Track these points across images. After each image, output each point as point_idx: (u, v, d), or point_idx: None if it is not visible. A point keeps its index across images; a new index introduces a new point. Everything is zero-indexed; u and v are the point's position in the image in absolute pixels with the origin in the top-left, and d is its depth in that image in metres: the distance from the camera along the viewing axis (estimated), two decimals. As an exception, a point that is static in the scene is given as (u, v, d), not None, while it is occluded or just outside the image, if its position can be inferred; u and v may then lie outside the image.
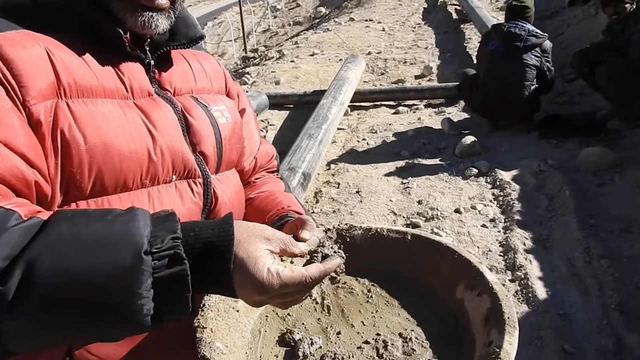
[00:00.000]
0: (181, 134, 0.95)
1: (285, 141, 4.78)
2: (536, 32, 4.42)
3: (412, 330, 0.89)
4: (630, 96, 4.00)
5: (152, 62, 0.97)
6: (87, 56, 0.85)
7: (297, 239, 0.96)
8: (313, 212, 3.64)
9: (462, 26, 9.39)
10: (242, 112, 1.19)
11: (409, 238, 1.02)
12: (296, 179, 3.53)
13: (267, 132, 5.35)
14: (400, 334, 0.88)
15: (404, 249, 1.02)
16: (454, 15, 10.28)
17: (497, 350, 0.72)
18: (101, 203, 0.81)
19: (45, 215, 0.66)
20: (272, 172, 1.30)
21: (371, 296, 0.99)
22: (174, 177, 0.92)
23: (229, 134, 1.06)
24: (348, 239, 1.04)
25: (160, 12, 0.90)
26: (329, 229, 1.05)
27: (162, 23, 0.91)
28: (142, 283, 0.62)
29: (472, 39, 8.34)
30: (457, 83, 5.82)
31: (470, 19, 8.97)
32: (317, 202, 3.87)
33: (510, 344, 0.73)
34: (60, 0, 0.85)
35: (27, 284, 0.58)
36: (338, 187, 4.03)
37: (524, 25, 4.44)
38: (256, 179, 1.24)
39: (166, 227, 0.67)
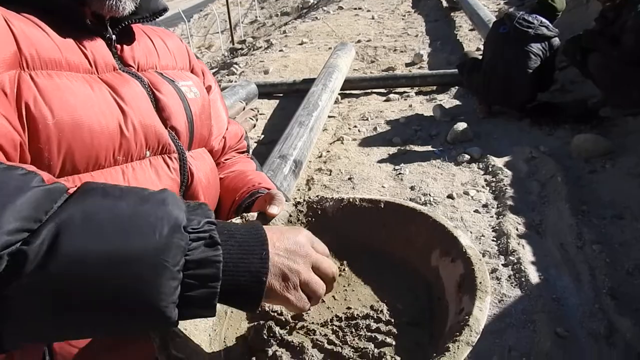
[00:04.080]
0: (152, 108, 0.91)
1: (275, 129, 4.75)
2: (548, 25, 4.41)
3: (385, 302, 0.86)
4: (622, 84, 3.99)
5: (114, 37, 0.93)
6: (47, 28, 0.81)
7: (266, 214, 0.94)
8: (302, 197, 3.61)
9: (452, 14, 9.37)
10: (208, 89, 1.16)
11: (382, 206, 0.98)
12: (287, 166, 3.50)
13: (257, 120, 5.30)
14: (372, 307, 0.85)
15: (377, 218, 0.97)
16: (444, 3, 10.23)
17: (467, 317, 0.68)
18: (72, 182, 0.77)
19: (66, 184, 0.61)
20: (242, 152, 1.27)
21: (343, 269, 0.94)
22: (148, 152, 0.89)
23: (198, 109, 1.03)
24: (319, 212, 1.00)
25: None
26: (299, 202, 1.01)
27: (128, 5, 0.89)
28: (176, 259, 0.56)
29: (463, 27, 8.32)
30: (449, 70, 5.81)
31: (461, 6, 8.94)
32: (310, 189, 3.84)
33: (481, 310, 0.69)
34: None
35: (52, 248, 0.52)
36: (330, 175, 4.00)
37: (538, 16, 4.43)
38: (226, 159, 1.21)
39: (201, 213, 0.62)
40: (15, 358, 0.78)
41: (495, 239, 3.00)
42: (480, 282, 0.74)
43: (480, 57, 5.03)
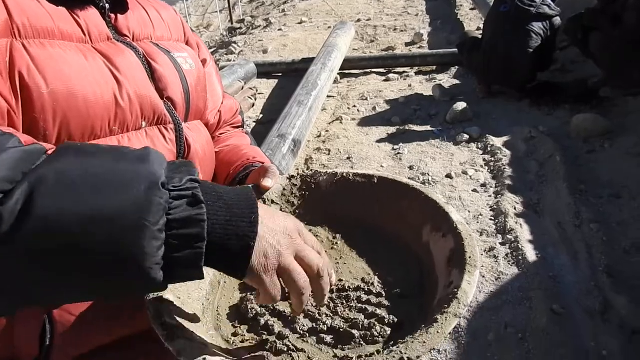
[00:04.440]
0: (147, 78, 0.91)
1: (274, 109, 4.73)
2: (550, 4, 4.36)
3: (376, 274, 0.87)
4: (623, 64, 3.97)
5: (108, 5, 0.92)
6: None
7: (260, 187, 0.94)
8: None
9: (453, -7, 9.28)
10: (203, 62, 1.15)
11: (376, 181, 0.99)
12: (286, 145, 3.49)
13: (255, 100, 5.28)
14: (363, 279, 0.86)
15: (370, 193, 0.98)
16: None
17: (455, 290, 0.70)
18: None
19: (46, 146, 0.59)
20: (237, 127, 1.27)
21: (336, 243, 0.96)
22: (144, 123, 0.88)
23: (194, 81, 1.03)
24: (313, 186, 1.01)
25: None
26: (293, 176, 1.02)
27: None
28: (156, 218, 0.54)
29: (464, 6, 8.25)
30: (449, 50, 5.77)
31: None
32: (308, 168, 3.84)
33: (469, 283, 0.70)
34: None
35: (26, 208, 0.51)
36: (329, 154, 4.00)
37: None
38: (221, 133, 1.21)
39: (184, 171, 0.60)
40: (16, 327, 0.79)
41: (493, 218, 3.01)
42: (469, 257, 0.76)
43: (481, 36, 4.99)
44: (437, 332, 0.64)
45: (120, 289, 0.58)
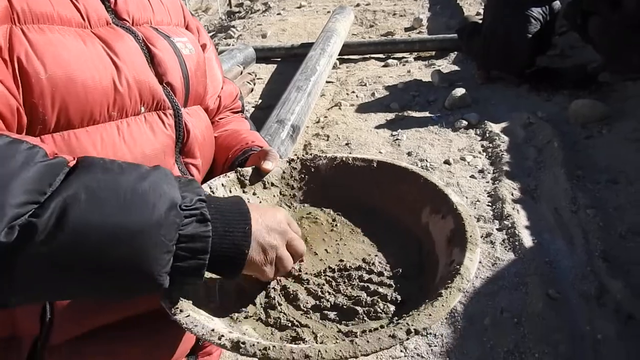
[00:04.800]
0: (146, 64, 0.90)
1: (273, 94, 4.72)
2: None
3: (376, 256, 0.88)
4: (622, 48, 3.95)
5: None
6: None
7: (260, 170, 0.96)
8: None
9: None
10: (203, 47, 1.14)
11: (375, 165, 1.00)
12: (285, 131, 3.50)
13: (254, 85, 5.26)
14: (363, 259, 0.87)
15: (370, 177, 1.00)
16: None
17: (457, 266, 0.71)
18: (67, 137, 0.77)
19: (67, 157, 0.64)
20: (237, 112, 1.27)
21: (336, 225, 0.96)
22: (143, 108, 0.88)
23: (194, 66, 1.02)
24: (312, 169, 1.02)
25: None
26: (292, 160, 1.03)
27: None
28: (171, 235, 0.62)
29: (463, -9, 8.17)
30: (448, 35, 5.74)
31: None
32: (307, 154, 3.84)
33: (471, 260, 0.72)
34: None
35: (60, 221, 0.57)
36: (327, 140, 4.00)
37: None
38: (220, 118, 1.21)
39: (191, 190, 0.68)
40: (17, 306, 0.80)
41: (490, 204, 3.02)
42: (470, 236, 0.77)
43: (480, 21, 4.96)
44: (442, 305, 0.66)
45: (131, 292, 0.66)
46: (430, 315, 0.64)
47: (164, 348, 0.93)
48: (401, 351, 2.13)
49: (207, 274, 0.69)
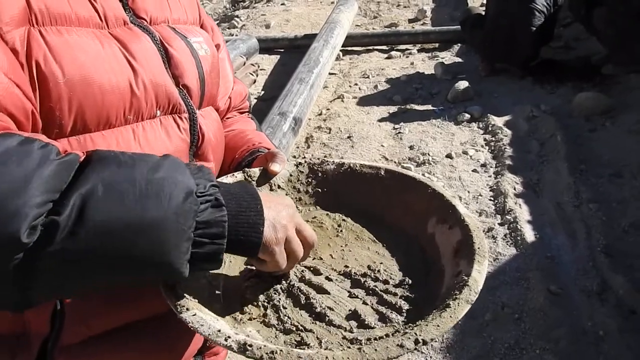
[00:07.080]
0: (162, 65, 0.88)
1: (276, 86, 4.71)
2: None
3: (381, 263, 0.88)
4: (628, 39, 3.92)
5: None
6: None
7: (268, 171, 0.96)
8: (304, 158, 3.63)
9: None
10: (217, 47, 1.12)
11: (382, 173, 1.00)
12: (287, 123, 3.49)
13: (257, 76, 5.24)
14: (368, 266, 0.87)
15: (377, 184, 1.00)
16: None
17: (466, 278, 0.72)
18: (83, 141, 0.76)
19: (78, 153, 0.65)
20: (243, 112, 1.26)
21: (341, 230, 0.96)
22: (158, 112, 0.86)
23: (209, 67, 1.01)
24: (320, 174, 1.02)
25: None
26: (300, 163, 1.03)
27: None
28: (189, 222, 0.62)
29: (468, -18, 8.10)
30: (452, 27, 5.70)
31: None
32: (309, 147, 3.84)
33: (479, 272, 0.73)
34: None
35: (81, 217, 0.57)
36: (329, 133, 3.99)
37: None
38: (227, 118, 1.20)
39: (203, 176, 0.68)
40: None
41: (492, 199, 3.02)
42: (478, 248, 0.78)
43: (484, 13, 4.92)
44: (450, 316, 0.66)
45: (152, 279, 0.69)
46: (438, 326, 0.65)
47: (172, 350, 0.94)
48: (402, 346, 2.13)
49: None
